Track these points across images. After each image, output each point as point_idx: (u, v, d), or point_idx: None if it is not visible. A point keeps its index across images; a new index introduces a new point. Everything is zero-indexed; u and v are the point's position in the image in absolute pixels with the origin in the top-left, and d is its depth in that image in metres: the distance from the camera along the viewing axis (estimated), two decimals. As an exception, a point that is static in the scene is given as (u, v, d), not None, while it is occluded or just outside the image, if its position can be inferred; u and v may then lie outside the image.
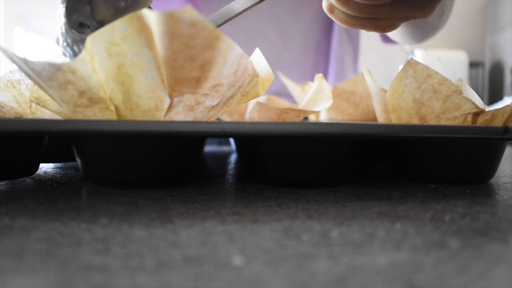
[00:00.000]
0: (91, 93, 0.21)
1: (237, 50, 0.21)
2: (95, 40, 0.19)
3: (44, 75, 0.20)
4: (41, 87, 0.21)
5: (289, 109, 0.28)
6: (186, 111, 0.22)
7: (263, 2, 0.30)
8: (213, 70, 0.21)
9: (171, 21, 0.18)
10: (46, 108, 0.24)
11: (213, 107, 0.23)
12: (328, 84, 0.30)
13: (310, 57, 0.72)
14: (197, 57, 0.20)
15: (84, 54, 0.20)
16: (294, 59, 0.71)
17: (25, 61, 0.19)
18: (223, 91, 0.22)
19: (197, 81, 0.21)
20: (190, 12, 0.18)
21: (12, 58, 0.20)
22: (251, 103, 0.30)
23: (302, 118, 0.30)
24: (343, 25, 0.30)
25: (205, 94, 0.22)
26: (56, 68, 0.20)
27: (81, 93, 0.21)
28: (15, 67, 0.28)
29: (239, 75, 0.22)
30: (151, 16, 0.19)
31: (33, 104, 0.29)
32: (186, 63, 0.20)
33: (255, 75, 0.24)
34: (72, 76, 0.20)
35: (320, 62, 0.74)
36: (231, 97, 0.24)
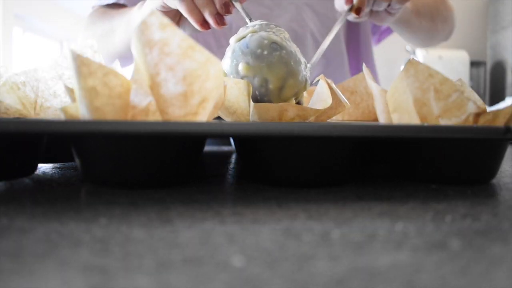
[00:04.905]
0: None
1: (218, 64, 0.22)
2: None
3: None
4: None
5: (288, 104, 0.28)
6: None
7: None
8: (196, 83, 0.21)
9: (144, 28, 0.20)
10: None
11: None
12: (326, 84, 0.30)
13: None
14: (176, 67, 0.21)
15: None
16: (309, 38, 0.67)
17: None
18: (209, 107, 0.23)
19: (185, 98, 0.22)
20: (157, 15, 0.20)
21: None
22: (251, 106, 0.30)
23: (308, 118, 0.30)
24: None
25: (195, 113, 0.22)
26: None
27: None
28: (15, 69, 0.29)
29: (221, 92, 0.23)
30: (135, 32, 0.21)
31: (38, 106, 0.29)
32: (167, 75, 0.21)
33: (224, 86, 0.25)
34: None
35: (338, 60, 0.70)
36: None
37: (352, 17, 0.45)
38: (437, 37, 0.66)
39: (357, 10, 0.43)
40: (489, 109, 0.24)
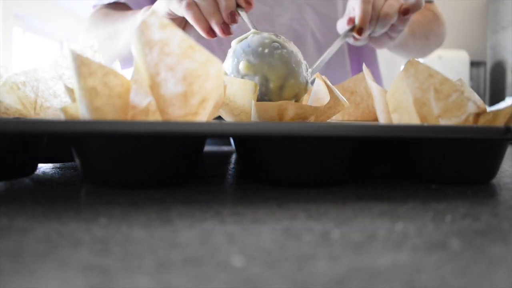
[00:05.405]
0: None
1: (218, 64, 0.22)
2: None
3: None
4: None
5: (287, 103, 0.28)
6: None
7: None
8: (197, 83, 0.21)
9: (144, 28, 0.21)
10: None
11: None
12: (324, 82, 0.30)
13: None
14: (176, 67, 0.21)
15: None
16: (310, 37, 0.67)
17: None
18: (209, 107, 0.23)
19: (185, 98, 0.22)
20: (157, 15, 0.21)
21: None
22: (252, 105, 0.30)
23: (307, 117, 0.29)
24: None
25: (195, 113, 0.22)
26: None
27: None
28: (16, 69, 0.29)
29: (220, 92, 0.23)
30: (135, 32, 0.21)
31: (38, 106, 0.30)
32: (168, 75, 0.21)
33: (224, 86, 0.25)
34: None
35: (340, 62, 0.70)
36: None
37: (351, 40, 0.46)
38: (428, 51, 0.68)
39: (359, 31, 0.43)
40: (489, 109, 0.24)
